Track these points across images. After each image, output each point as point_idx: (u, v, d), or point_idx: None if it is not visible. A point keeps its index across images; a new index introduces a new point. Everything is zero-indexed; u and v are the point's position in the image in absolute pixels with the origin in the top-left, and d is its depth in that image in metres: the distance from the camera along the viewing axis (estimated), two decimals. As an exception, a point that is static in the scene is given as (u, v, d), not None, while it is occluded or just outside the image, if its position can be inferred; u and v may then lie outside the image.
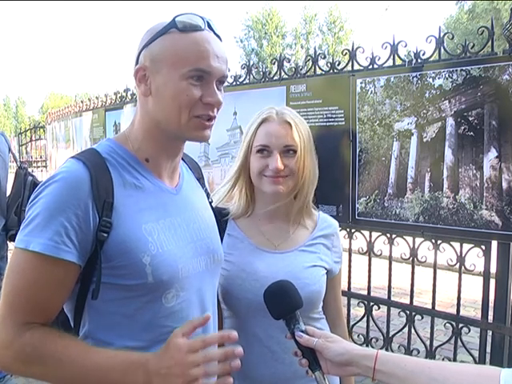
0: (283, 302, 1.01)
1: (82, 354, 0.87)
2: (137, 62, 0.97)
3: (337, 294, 1.45)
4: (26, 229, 0.87)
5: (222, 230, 1.24)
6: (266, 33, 35.54)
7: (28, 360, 0.86)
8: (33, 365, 0.87)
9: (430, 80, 2.63)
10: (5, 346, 0.87)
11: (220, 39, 0.98)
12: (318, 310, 1.36)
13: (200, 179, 1.21)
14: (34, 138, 9.84)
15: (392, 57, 2.82)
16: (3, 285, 0.89)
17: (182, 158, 1.15)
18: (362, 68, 2.97)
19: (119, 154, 0.98)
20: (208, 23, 0.96)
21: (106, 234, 0.89)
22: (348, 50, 3.03)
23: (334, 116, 3.04)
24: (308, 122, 1.38)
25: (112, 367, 0.86)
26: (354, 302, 3.25)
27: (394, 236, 2.91)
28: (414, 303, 2.95)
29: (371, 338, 3.16)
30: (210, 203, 1.21)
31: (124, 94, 5.10)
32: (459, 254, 2.65)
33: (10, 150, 3.09)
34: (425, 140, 2.68)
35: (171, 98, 0.94)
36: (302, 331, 0.99)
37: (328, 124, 3.07)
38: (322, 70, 3.20)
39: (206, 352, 0.85)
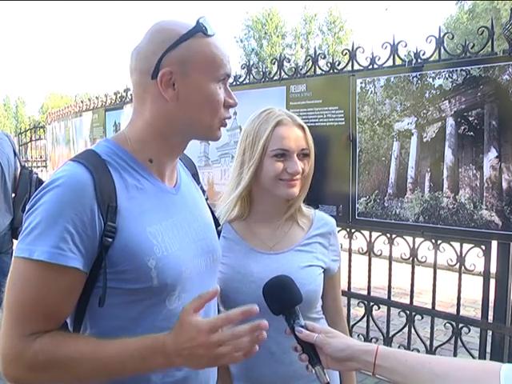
0: (283, 297, 1.01)
1: (96, 348, 0.85)
2: (157, 66, 0.92)
3: (336, 294, 1.45)
4: (28, 237, 0.84)
5: (217, 225, 1.23)
6: (265, 33, 35.50)
7: (42, 367, 0.85)
8: (48, 371, 0.85)
9: (430, 80, 2.63)
10: (15, 359, 0.84)
11: None
12: (316, 310, 1.36)
13: (195, 175, 1.21)
14: (33, 138, 9.87)
15: (392, 57, 2.82)
16: (5, 296, 0.86)
17: None
18: (362, 68, 2.96)
19: (119, 155, 0.96)
20: None
21: (110, 239, 0.87)
22: (348, 50, 3.03)
23: (334, 116, 3.04)
24: (308, 122, 1.39)
25: (128, 355, 0.85)
26: (354, 301, 3.24)
27: (394, 236, 2.91)
28: (414, 303, 2.95)
29: (371, 338, 3.15)
30: (206, 199, 1.21)
31: (124, 94, 5.09)
32: (459, 254, 2.65)
33: (14, 151, 3.09)
34: (425, 140, 2.68)
35: (204, 102, 0.94)
36: (302, 326, 0.99)
37: (328, 124, 3.07)
38: (322, 70, 3.20)
39: (233, 329, 0.84)
